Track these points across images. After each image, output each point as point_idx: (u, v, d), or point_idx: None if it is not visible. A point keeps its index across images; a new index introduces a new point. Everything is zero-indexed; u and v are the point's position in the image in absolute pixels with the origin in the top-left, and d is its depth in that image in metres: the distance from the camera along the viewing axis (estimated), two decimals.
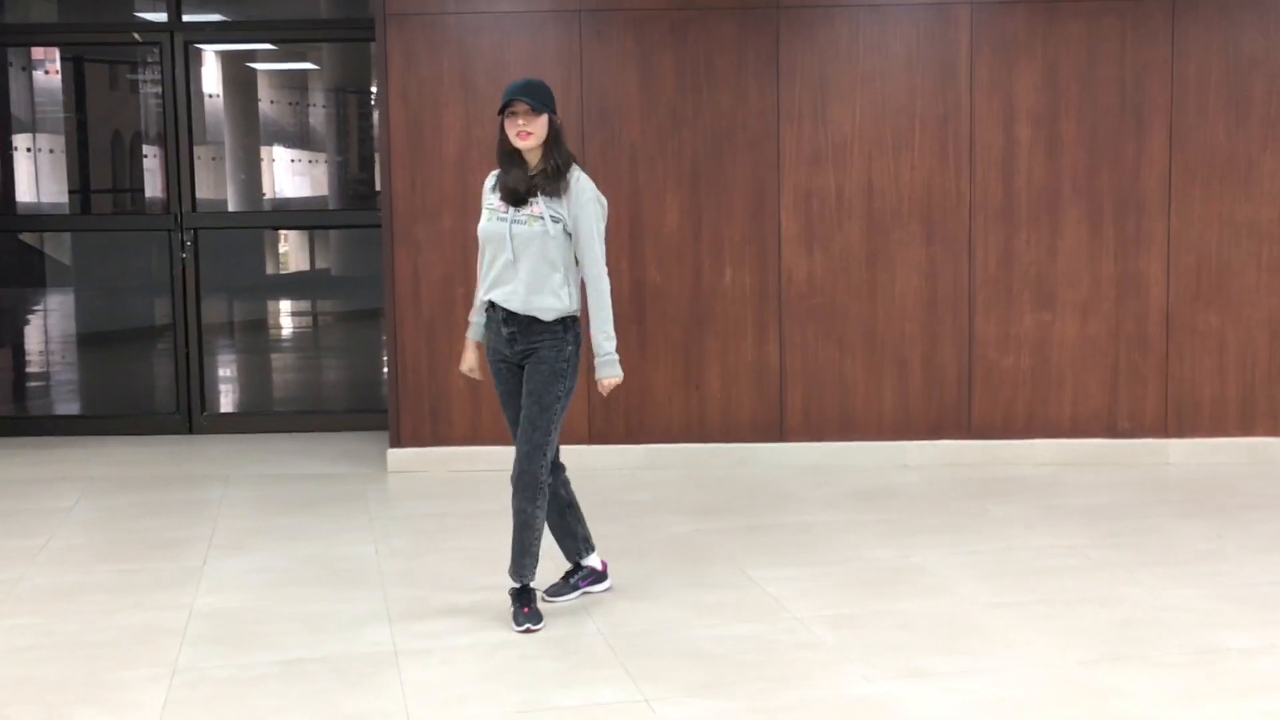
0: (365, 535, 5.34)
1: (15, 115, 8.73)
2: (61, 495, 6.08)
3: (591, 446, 6.49)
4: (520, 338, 4.27)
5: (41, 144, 9.32)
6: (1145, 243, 6.40)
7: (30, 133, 9.26)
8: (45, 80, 9.36)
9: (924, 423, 6.50)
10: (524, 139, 4.19)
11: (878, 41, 6.34)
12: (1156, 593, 4.44)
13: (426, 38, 6.35)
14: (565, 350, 4.27)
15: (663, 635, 4.08)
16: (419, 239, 6.44)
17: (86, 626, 4.25)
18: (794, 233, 6.43)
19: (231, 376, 9.35)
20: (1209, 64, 6.31)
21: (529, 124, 4.18)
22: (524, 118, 4.18)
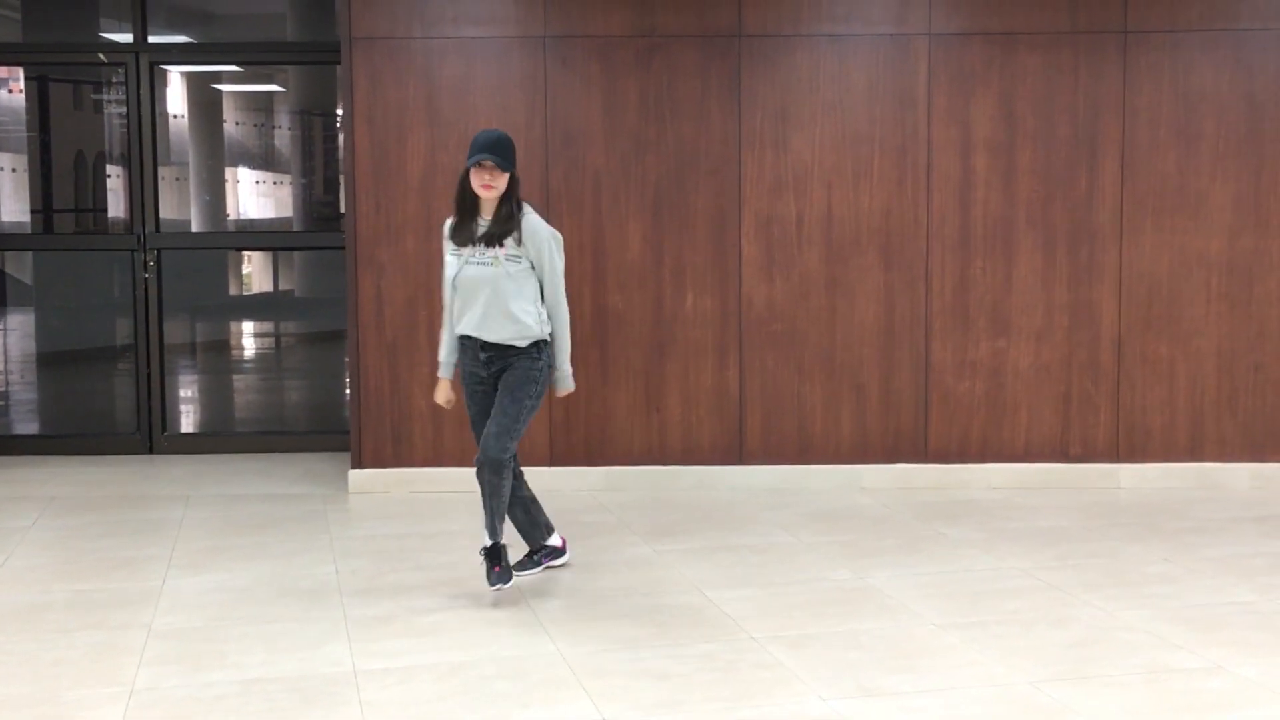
0: (325, 555, 5.35)
1: None
2: (19, 514, 6.06)
3: (552, 468, 6.53)
4: (496, 360, 4.78)
5: (3, 163, 9.28)
6: (1098, 272, 6.52)
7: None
8: (8, 99, 9.32)
9: (881, 447, 6.59)
10: (487, 191, 4.67)
11: (838, 71, 6.45)
12: (1107, 614, 4.53)
13: (392, 62, 6.41)
14: (539, 363, 4.79)
15: (621, 654, 4.13)
16: (382, 261, 6.47)
17: (44, 645, 4.24)
18: (755, 259, 6.52)
19: (193, 397, 9.32)
20: (1160, 97, 6.46)
21: (495, 179, 4.65)
22: (490, 173, 4.65)
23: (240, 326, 10.74)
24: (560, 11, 6.41)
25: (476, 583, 4.88)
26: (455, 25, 6.42)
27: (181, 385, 9.05)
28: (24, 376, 9.32)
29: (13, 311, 9.54)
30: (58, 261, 8.67)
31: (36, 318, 9.26)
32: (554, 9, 6.41)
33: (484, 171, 4.64)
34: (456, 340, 4.86)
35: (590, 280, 6.47)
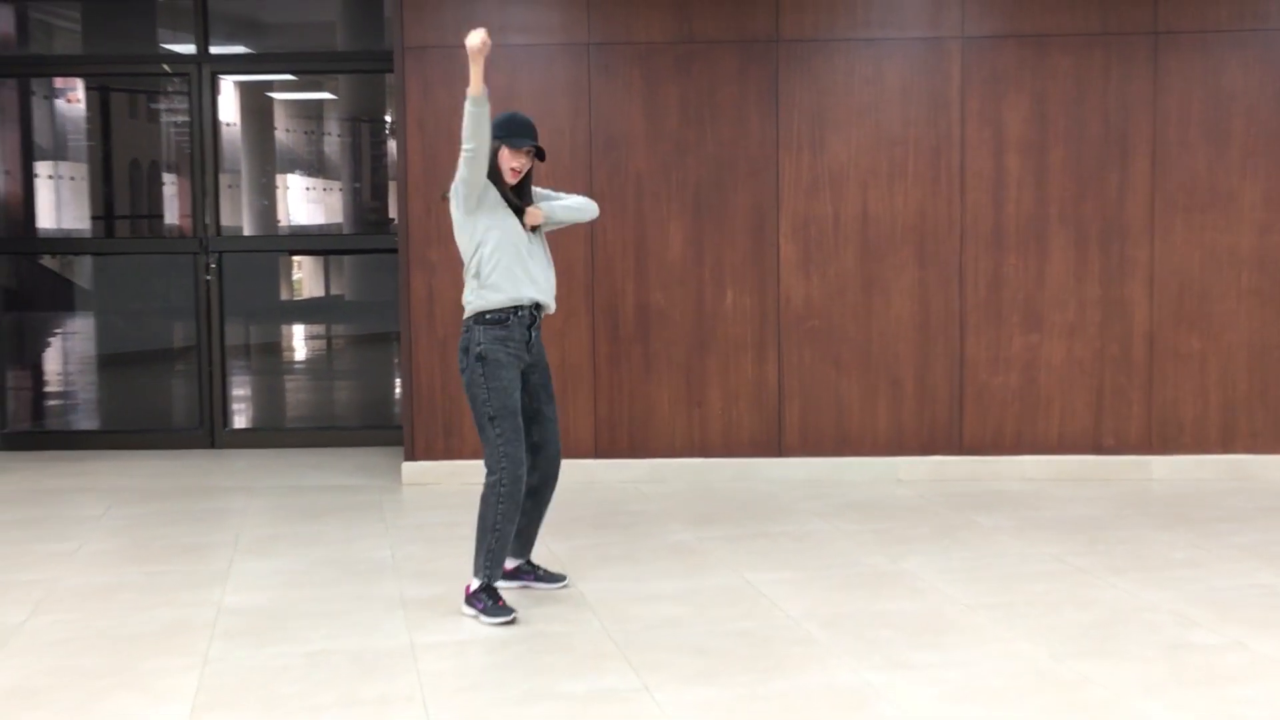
0: (381, 541, 5.61)
1: (37, 143, 9.05)
2: (91, 504, 6.37)
3: (597, 461, 6.77)
4: (535, 337, 4.72)
5: (63, 171, 9.62)
6: (1129, 268, 6.67)
7: (52, 160, 9.57)
8: (67, 108, 9.66)
9: (916, 440, 6.77)
10: (516, 177, 4.66)
11: (873, 75, 6.65)
12: (1131, 595, 4.69)
13: (442, 70, 6.67)
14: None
15: (663, 631, 4.34)
16: (433, 261, 6.73)
17: (121, 622, 4.52)
18: (792, 258, 6.72)
19: (251, 395, 9.64)
20: (1190, 97, 6.60)
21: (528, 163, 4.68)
22: (529, 158, 4.66)
23: (293, 329, 11.06)
24: (603, 20, 6.65)
25: None
26: (503, 34, 6.67)
27: (240, 384, 9.37)
28: (89, 376, 9.68)
29: (74, 315, 9.91)
30: (117, 266, 9.01)
31: (97, 321, 9.62)
32: (597, 17, 6.65)
33: (524, 156, 4.62)
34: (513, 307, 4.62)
35: (633, 279, 6.70)
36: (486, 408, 4.54)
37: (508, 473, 4.52)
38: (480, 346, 4.55)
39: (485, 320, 4.57)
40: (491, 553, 4.53)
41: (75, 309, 9.82)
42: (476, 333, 4.58)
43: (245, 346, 9.82)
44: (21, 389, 8.97)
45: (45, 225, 9.30)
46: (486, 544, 4.53)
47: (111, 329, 9.41)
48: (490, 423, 4.54)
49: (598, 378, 6.77)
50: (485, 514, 4.55)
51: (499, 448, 4.53)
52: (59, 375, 9.83)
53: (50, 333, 9.88)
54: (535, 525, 4.89)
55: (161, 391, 9.18)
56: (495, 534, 4.52)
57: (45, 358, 9.83)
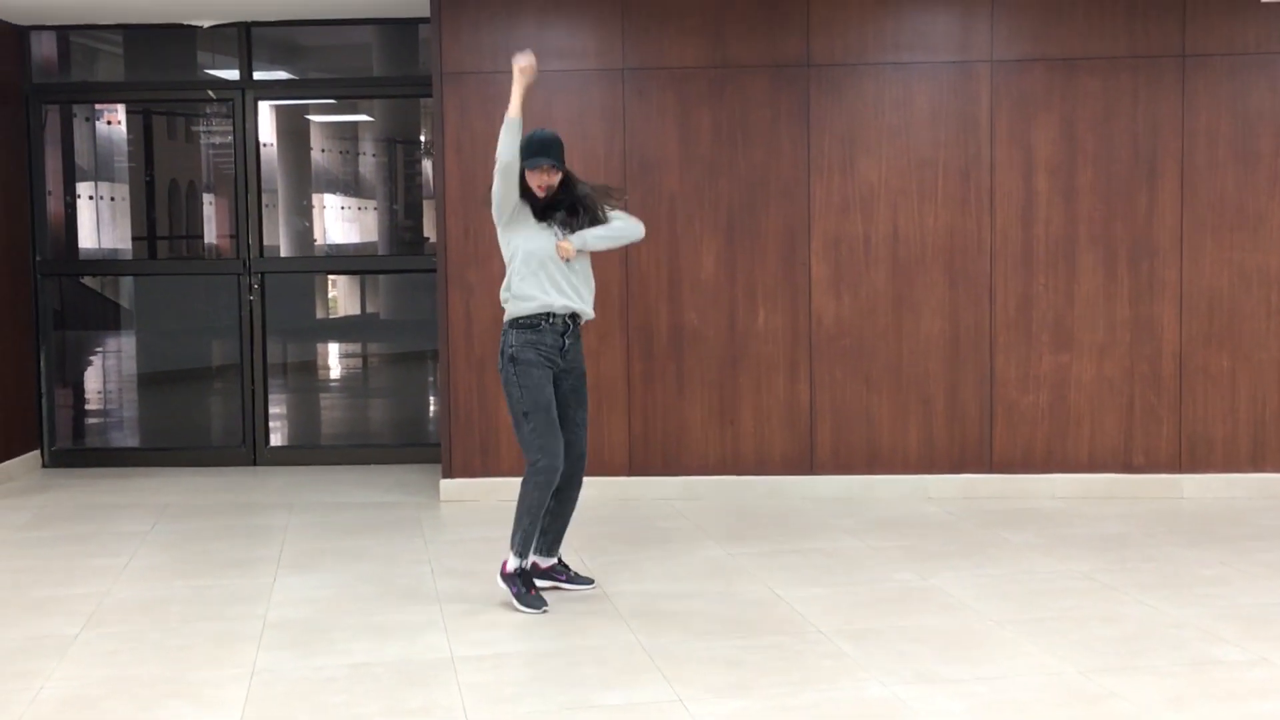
0: (421, 556, 5.74)
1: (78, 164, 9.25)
2: (138, 519, 6.53)
3: (631, 478, 6.88)
4: (570, 344, 4.99)
5: (103, 192, 9.82)
6: (1159, 288, 6.73)
7: (92, 181, 9.78)
8: (106, 130, 9.87)
9: (947, 458, 6.84)
10: (543, 193, 4.91)
11: (902, 97, 6.75)
12: (1158, 612, 4.75)
13: (479, 94, 6.82)
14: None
15: (696, 644, 4.44)
16: (471, 282, 6.87)
17: (170, 633, 4.66)
18: (823, 277, 6.82)
19: (290, 413, 9.80)
20: (1218, 118, 6.67)
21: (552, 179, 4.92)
22: (550, 174, 4.90)
23: (330, 347, 11.22)
24: (637, 45, 6.78)
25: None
26: (540, 59, 6.72)
27: (277, 402, 9.54)
28: (131, 394, 9.88)
29: (113, 334, 10.10)
30: (158, 286, 9.20)
31: (139, 339, 9.81)
32: (631, 43, 6.78)
33: (544, 174, 4.89)
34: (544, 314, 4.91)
35: (666, 298, 6.82)
36: (520, 405, 4.87)
37: (544, 463, 4.85)
38: (512, 349, 4.89)
39: (518, 325, 4.90)
40: (525, 534, 4.91)
41: (118, 328, 10.01)
42: (510, 336, 4.92)
43: (282, 365, 9.97)
44: (66, 407, 9.17)
45: (87, 245, 9.50)
46: (522, 525, 4.91)
47: (153, 348, 9.59)
48: (524, 418, 4.87)
49: (632, 396, 6.88)
50: (524, 495, 4.90)
51: (534, 440, 4.86)
52: (102, 394, 10.03)
53: (93, 351, 10.08)
54: (562, 525, 5.14)
55: (203, 409, 9.35)
56: (529, 516, 4.88)
57: (89, 376, 10.03)
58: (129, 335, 9.96)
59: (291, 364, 10.17)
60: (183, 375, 9.52)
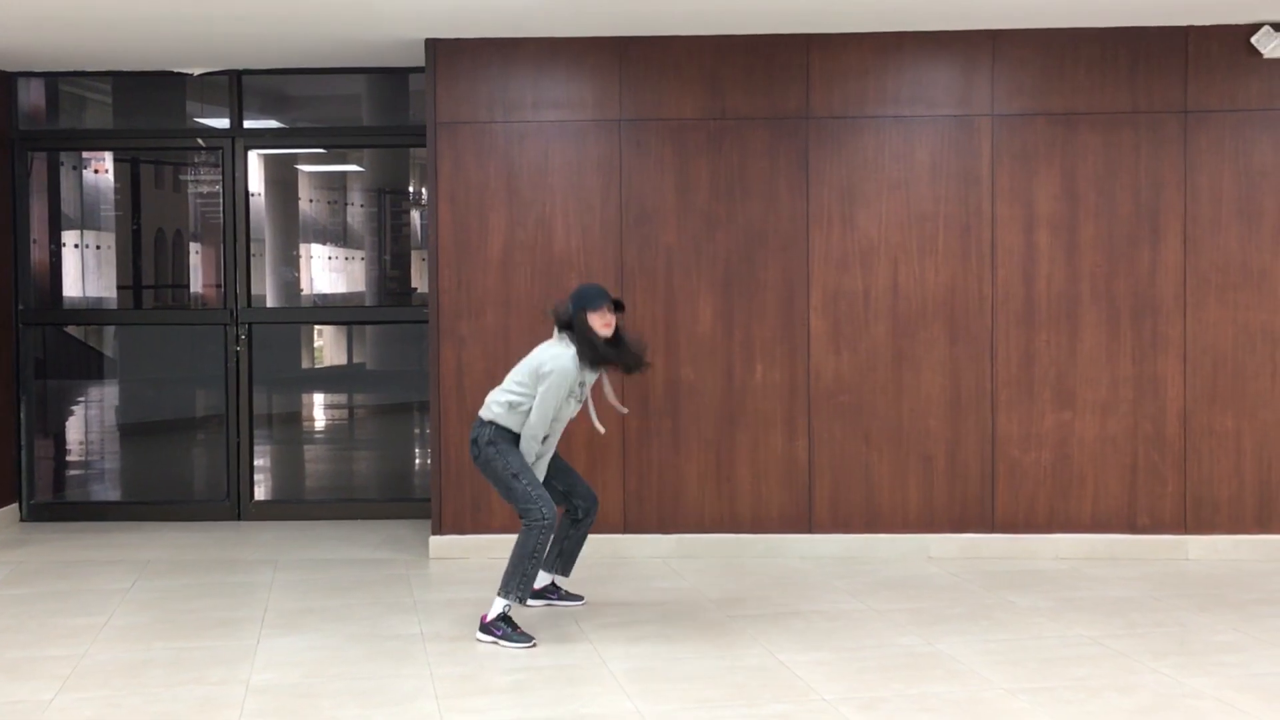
0: (410, 617, 5.56)
1: (64, 213, 9.12)
2: (119, 577, 6.34)
3: (626, 536, 6.72)
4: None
5: (89, 240, 9.69)
6: (1162, 345, 6.64)
7: (78, 229, 9.65)
8: (93, 179, 9.76)
9: (948, 517, 6.71)
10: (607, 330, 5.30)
11: (903, 151, 6.67)
12: (1174, 681, 4.61)
13: (474, 145, 6.72)
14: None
15: (697, 713, 4.27)
16: (463, 334, 6.74)
17: (149, 699, 4.47)
18: (822, 332, 6.71)
19: (275, 466, 9.62)
20: (1221, 176, 6.60)
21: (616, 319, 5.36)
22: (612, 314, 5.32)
23: (316, 398, 11.06)
24: (635, 96, 6.70)
25: (556, 643, 5.08)
26: (535, 110, 6.73)
27: (262, 454, 9.36)
28: (114, 446, 9.69)
29: (99, 384, 9.91)
30: (143, 335, 9.04)
31: (122, 390, 9.63)
32: (629, 94, 6.70)
33: (607, 313, 5.28)
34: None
35: (663, 353, 6.69)
36: (508, 469, 5.19)
37: (548, 509, 5.14)
38: (489, 436, 5.27)
39: (503, 431, 5.27)
40: (526, 576, 5.13)
41: (101, 377, 9.84)
42: (488, 429, 5.28)
43: (268, 416, 9.81)
44: (47, 459, 8.98)
45: (72, 294, 9.35)
46: (523, 569, 5.12)
47: (137, 398, 9.42)
48: (514, 479, 5.19)
49: (627, 452, 6.74)
50: (526, 541, 5.13)
51: (530, 492, 5.16)
52: (84, 444, 9.84)
53: (75, 401, 9.89)
54: (578, 547, 5.65)
55: (187, 462, 9.17)
56: (533, 560, 5.13)
57: (70, 427, 9.84)
58: (112, 385, 9.79)
59: (277, 415, 10.00)
60: (166, 426, 9.33)
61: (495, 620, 5.12)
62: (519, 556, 5.14)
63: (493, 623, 5.12)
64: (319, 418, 11.13)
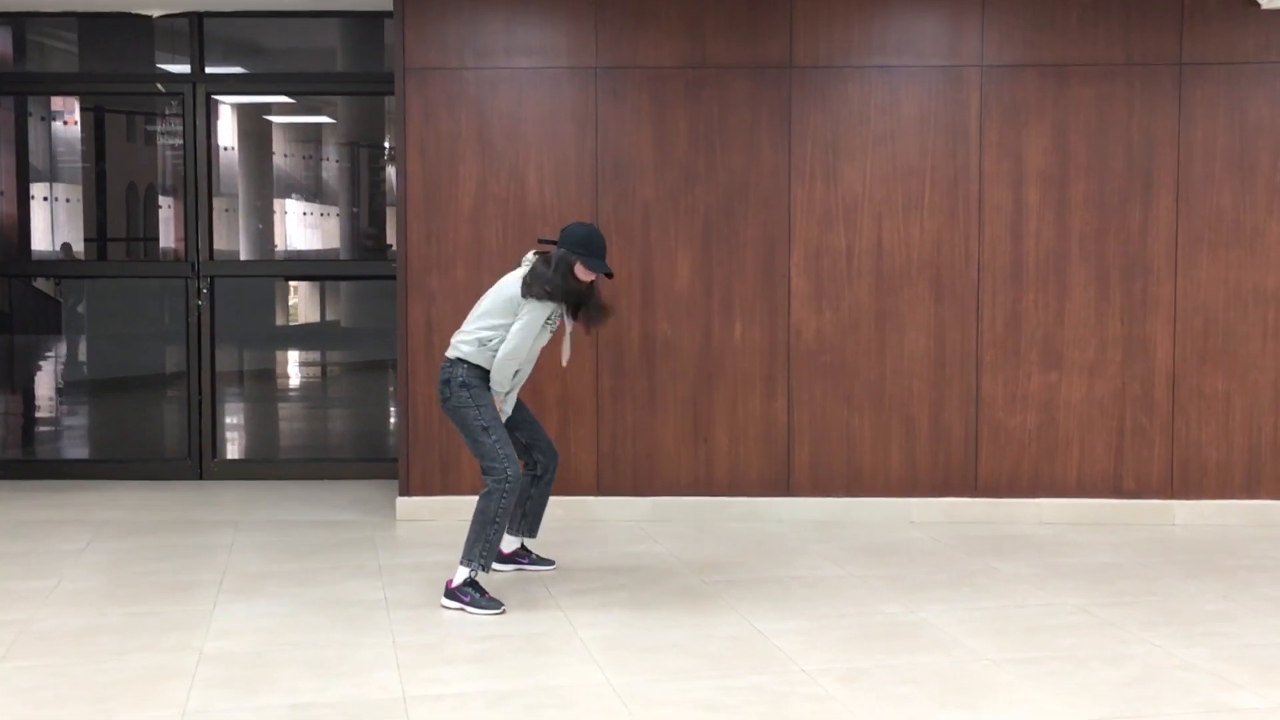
0: (374, 582, 5.36)
1: (33, 165, 8.84)
2: (73, 538, 6.12)
3: (599, 498, 6.53)
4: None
5: (59, 193, 9.42)
6: (1152, 305, 6.46)
7: (48, 182, 9.36)
8: (64, 131, 9.47)
9: (930, 480, 6.53)
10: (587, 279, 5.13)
11: (889, 103, 6.45)
12: (1164, 652, 4.45)
13: (445, 92, 6.46)
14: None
15: (670, 685, 4.10)
16: (433, 289, 6.51)
17: (96, 668, 4.27)
18: (804, 290, 6.50)
19: (242, 424, 9.39)
20: (1215, 130, 6.40)
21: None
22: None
23: (287, 355, 10.81)
24: (611, 43, 6.45)
25: (524, 610, 4.90)
26: (507, 56, 6.47)
27: (231, 413, 9.12)
28: (77, 403, 9.44)
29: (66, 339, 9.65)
30: (110, 290, 8.78)
31: (89, 345, 9.37)
32: (605, 40, 6.45)
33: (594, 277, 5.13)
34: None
35: (639, 310, 6.48)
36: (479, 421, 4.99)
37: (512, 471, 4.95)
38: (463, 378, 5.05)
39: (474, 369, 5.06)
40: (489, 543, 4.92)
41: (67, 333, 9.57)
42: (460, 369, 5.06)
43: (239, 373, 9.57)
44: (8, 415, 8.73)
45: (41, 247, 9.08)
46: (486, 535, 4.92)
47: (103, 354, 9.16)
48: (484, 432, 4.99)
49: (600, 412, 6.53)
50: (487, 508, 4.93)
51: (499, 450, 4.96)
52: (51, 401, 9.58)
53: (40, 357, 9.63)
54: (542, 506, 5.48)
55: (151, 419, 8.92)
56: (495, 525, 4.93)
57: (34, 383, 9.58)
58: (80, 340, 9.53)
59: (248, 372, 9.77)
60: (133, 382, 9.09)
61: (461, 585, 4.93)
62: (480, 523, 4.94)
63: (459, 588, 4.93)
64: (290, 375, 10.90)
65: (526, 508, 5.46)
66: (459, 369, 5.04)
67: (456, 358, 5.07)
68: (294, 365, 10.94)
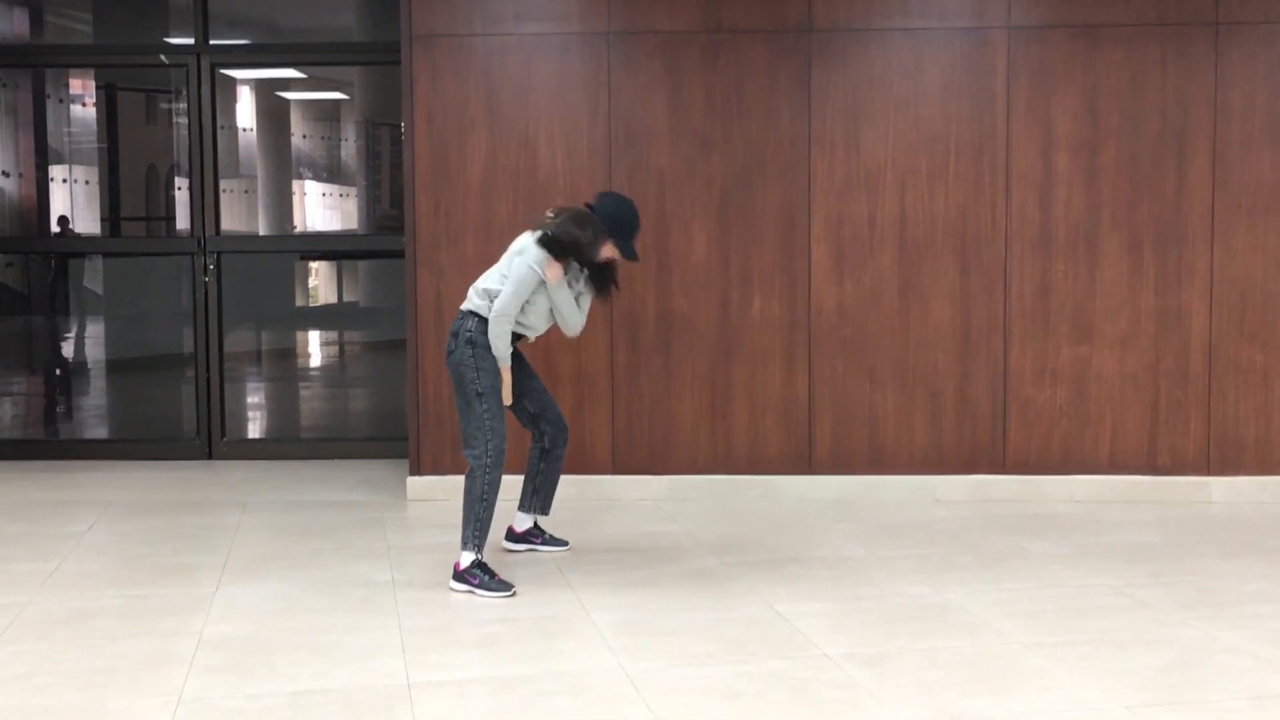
0: (382, 564, 5.19)
1: (53, 147, 8.75)
2: (77, 519, 5.98)
3: (615, 477, 6.35)
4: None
5: (78, 175, 9.33)
6: (1187, 275, 6.22)
7: (66, 164, 9.27)
8: (82, 113, 9.38)
9: (956, 457, 6.33)
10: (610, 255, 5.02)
11: (912, 66, 6.22)
12: (1204, 635, 4.24)
13: (452, 60, 6.27)
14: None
15: (687, 670, 3.92)
16: (443, 264, 6.33)
17: (92, 653, 4.12)
18: (825, 262, 6.29)
19: (254, 404, 9.25)
20: (1254, 92, 6.15)
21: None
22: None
23: (306, 336, 10.70)
24: (624, 7, 6.24)
25: (536, 592, 4.73)
26: (517, 22, 6.27)
27: (243, 392, 8.99)
28: (88, 383, 9.31)
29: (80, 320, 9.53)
30: (126, 270, 8.65)
31: (105, 326, 9.24)
32: (617, 5, 6.24)
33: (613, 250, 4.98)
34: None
35: (654, 284, 6.28)
36: (475, 385, 4.79)
37: (494, 445, 4.76)
38: (471, 333, 4.85)
39: (480, 319, 4.88)
40: (480, 522, 4.74)
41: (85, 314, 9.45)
42: (470, 322, 4.88)
43: (256, 353, 9.46)
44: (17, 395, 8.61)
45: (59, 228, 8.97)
46: (475, 514, 4.73)
47: (118, 334, 9.04)
48: (478, 399, 4.78)
49: (615, 389, 6.35)
50: (472, 486, 4.75)
51: (485, 423, 4.77)
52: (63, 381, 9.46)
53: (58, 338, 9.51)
54: (554, 483, 5.28)
55: (163, 400, 8.79)
56: (483, 503, 4.74)
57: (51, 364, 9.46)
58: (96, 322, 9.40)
59: (265, 351, 9.65)
60: (145, 363, 8.97)
61: (469, 568, 4.76)
62: (468, 503, 4.77)
63: (467, 570, 4.76)
64: (307, 355, 10.78)
65: (537, 484, 5.30)
66: (469, 321, 4.89)
67: (468, 310, 4.93)
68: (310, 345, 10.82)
